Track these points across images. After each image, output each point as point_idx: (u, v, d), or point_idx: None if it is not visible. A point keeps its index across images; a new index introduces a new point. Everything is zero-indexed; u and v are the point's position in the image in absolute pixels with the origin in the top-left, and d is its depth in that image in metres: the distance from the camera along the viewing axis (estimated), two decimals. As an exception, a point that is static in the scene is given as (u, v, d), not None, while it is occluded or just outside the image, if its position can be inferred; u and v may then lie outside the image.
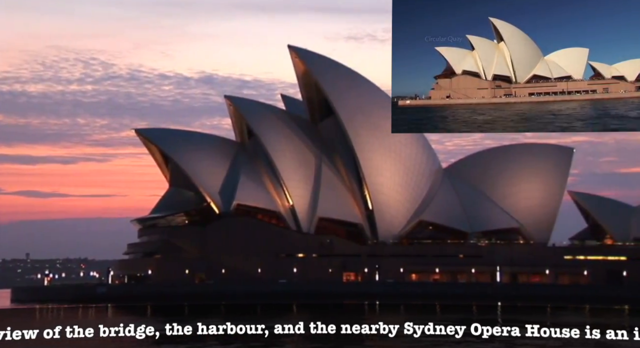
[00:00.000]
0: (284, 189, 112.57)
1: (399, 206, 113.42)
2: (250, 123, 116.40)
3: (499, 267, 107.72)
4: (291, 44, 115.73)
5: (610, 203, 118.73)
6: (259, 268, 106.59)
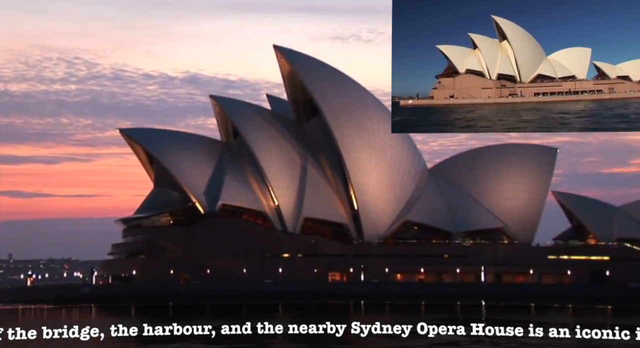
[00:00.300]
0: (269, 189, 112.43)
1: (384, 206, 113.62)
2: (235, 123, 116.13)
3: (483, 266, 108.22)
4: (277, 44, 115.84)
5: (593, 203, 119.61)
6: (244, 269, 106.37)
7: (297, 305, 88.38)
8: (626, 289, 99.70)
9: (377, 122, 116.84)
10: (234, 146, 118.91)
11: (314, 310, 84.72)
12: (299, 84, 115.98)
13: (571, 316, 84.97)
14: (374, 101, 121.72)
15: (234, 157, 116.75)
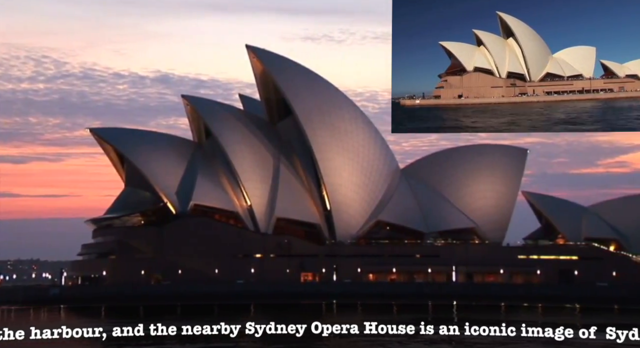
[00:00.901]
0: (241, 189, 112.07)
1: (356, 206, 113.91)
2: (207, 123, 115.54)
3: (454, 266, 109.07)
4: (249, 44, 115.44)
5: (562, 203, 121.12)
6: (216, 269, 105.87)
7: (269, 306, 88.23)
8: (594, 288, 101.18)
9: (349, 123, 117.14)
10: (206, 146, 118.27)
11: (286, 310, 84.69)
12: (272, 83, 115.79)
13: (540, 315, 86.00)
14: (347, 101, 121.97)
15: (206, 157, 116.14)
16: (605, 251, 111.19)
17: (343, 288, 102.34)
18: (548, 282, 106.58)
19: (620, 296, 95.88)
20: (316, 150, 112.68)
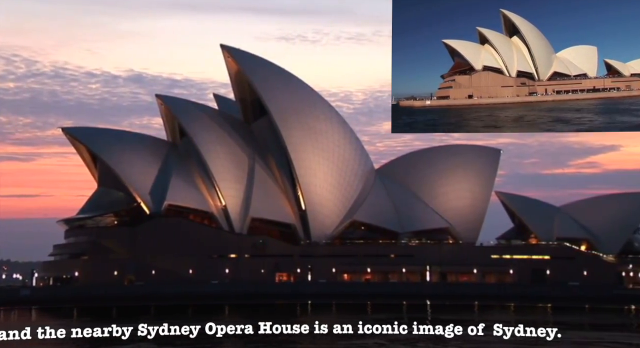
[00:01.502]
0: (216, 189, 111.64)
1: (331, 206, 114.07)
2: (182, 123, 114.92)
3: (428, 266, 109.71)
4: (224, 44, 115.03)
5: (535, 203, 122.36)
6: (190, 269, 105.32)
7: (244, 306, 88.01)
8: (565, 288, 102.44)
9: (324, 123, 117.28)
10: (180, 146, 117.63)
11: (261, 310, 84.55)
12: (247, 83, 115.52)
13: (513, 314, 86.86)
14: (322, 101, 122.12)
15: (180, 157, 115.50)
16: (577, 251, 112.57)
17: (318, 289, 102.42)
18: (521, 282, 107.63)
19: (591, 295, 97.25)
20: (291, 150, 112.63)
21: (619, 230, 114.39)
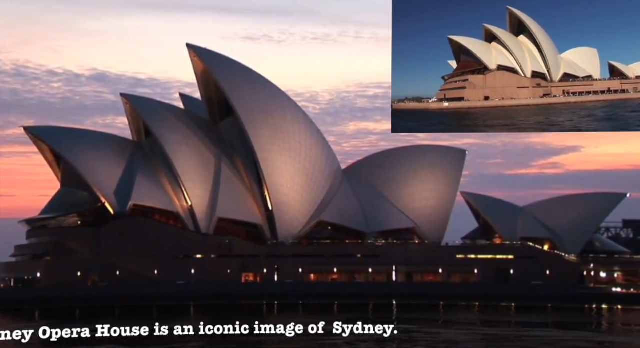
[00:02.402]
0: (182, 189, 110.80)
1: (298, 207, 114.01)
2: (147, 122, 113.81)
3: (395, 266, 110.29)
4: (190, 43, 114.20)
5: (499, 203, 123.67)
6: (155, 270, 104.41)
7: (210, 306, 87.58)
8: (529, 287, 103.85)
9: (292, 123, 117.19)
10: (145, 145, 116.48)
11: (227, 311, 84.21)
12: (213, 83, 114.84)
13: (477, 313, 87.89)
14: (289, 101, 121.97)
15: (145, 156, 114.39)
16: (540, 250, 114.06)
17: (284, 289, 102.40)
18: (485, 281, 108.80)
19: (553, 294, 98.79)
20: (258, 150, 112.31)
21: (581, 230, 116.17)
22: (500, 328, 65.61)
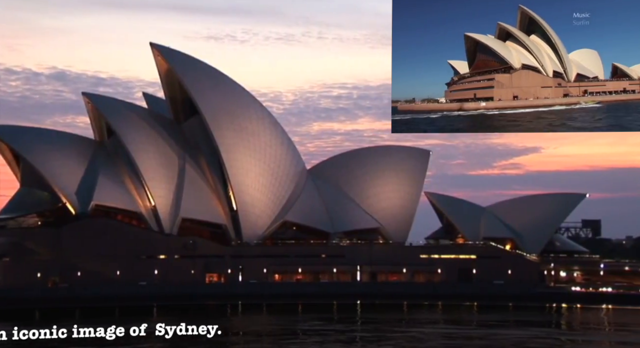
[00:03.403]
0: (145, 190, 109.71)
1: (263, 207, 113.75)
2: (110, 121, 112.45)
3: (359, 266, 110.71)
4: (153, 42, 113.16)
5: (462, 203, 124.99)
6: (117, 271, 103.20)
7: (173, 307, 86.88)
8: (490, 286, 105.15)
9: (256, 123, 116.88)
10: (108, 145, 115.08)
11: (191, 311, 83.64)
12: (177, 82, 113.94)
13: (440, 313, 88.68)
14: (254, 101, 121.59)
15: (108, 156, 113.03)
16: (502, 250, 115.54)
17: (248, 289, 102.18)
18: (448, 281, 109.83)
19: (514, 293, 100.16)
20: (223, 150, 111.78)
21: (542, 230, 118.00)
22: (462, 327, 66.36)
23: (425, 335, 53.99)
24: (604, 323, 78.99)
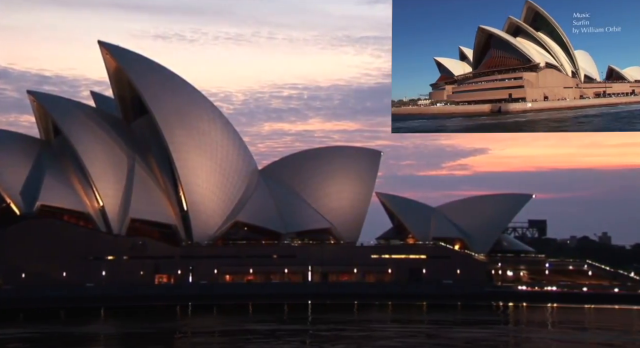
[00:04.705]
0: (93, 190, 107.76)
1: (214, 207, 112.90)
2: (57, 120, 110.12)
3: (310, 266, 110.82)
4: (102, 40, 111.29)
5: (412, 204, 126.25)
6: (64, 272, 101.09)
7: (121, 309, 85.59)
8: (440, 286, 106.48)
9: (207, 122, 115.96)
10: (54, 144, 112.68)
11: (139, 312, 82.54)
12: (126, 81, 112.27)
13: (390, 313, 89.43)
14: (205, 101, 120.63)
15: (54, 156, 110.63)
16: (451, 250, 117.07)
17: (199, 290, 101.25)
18: (398, 281, 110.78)
19: (463, 293, 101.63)
20: (173, 150, 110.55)
21: (490, 230, 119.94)
22: (412, 326, 67.04)
23: (376, 335, 54.40)
24: (548, 321, 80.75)
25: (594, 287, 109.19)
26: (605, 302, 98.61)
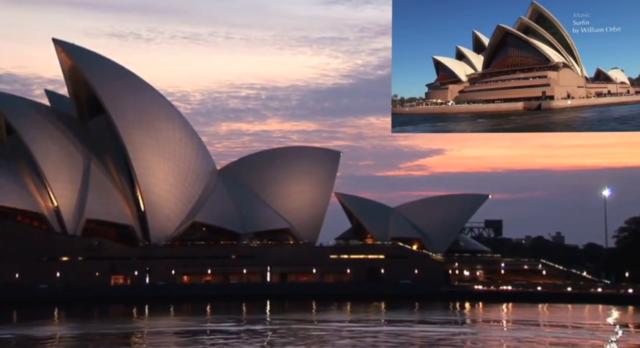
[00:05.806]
0: (47, 190, 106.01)
1: (172, 207, 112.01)
2: (10, 119, 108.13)
3: (269, 267, 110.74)
4: (56, 38, 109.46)
5: (371, 204, 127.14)
6: (16, 274, 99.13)
7: (76, 310, 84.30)
8: (398, 285, 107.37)
9: (165, 122, 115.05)
10: (7, 144, 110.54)
11: (94, 314, 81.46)
12: (82, 80, 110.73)
13: (349, 313, 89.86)
14: (163, 100, 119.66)
15: (7, 155, 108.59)
16: (409, 250, 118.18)
17: (155, 291, 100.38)
18: (357, 280, 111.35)
19: (421, 292, 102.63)
20: (130, 149, 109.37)
21: (447, 230, 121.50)
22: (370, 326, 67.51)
23: (334, 335, 54.68)
24: (503, 320, 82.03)
25: (548, 286, 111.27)
26: (559, 301, 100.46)
